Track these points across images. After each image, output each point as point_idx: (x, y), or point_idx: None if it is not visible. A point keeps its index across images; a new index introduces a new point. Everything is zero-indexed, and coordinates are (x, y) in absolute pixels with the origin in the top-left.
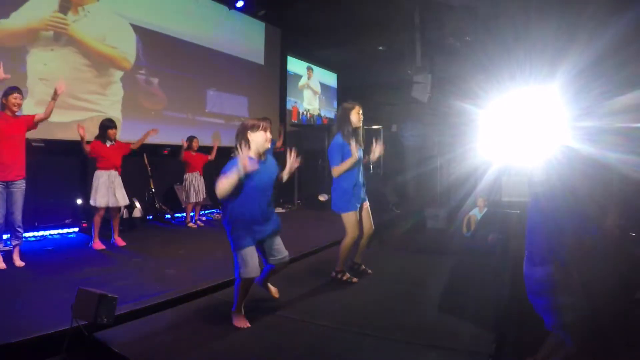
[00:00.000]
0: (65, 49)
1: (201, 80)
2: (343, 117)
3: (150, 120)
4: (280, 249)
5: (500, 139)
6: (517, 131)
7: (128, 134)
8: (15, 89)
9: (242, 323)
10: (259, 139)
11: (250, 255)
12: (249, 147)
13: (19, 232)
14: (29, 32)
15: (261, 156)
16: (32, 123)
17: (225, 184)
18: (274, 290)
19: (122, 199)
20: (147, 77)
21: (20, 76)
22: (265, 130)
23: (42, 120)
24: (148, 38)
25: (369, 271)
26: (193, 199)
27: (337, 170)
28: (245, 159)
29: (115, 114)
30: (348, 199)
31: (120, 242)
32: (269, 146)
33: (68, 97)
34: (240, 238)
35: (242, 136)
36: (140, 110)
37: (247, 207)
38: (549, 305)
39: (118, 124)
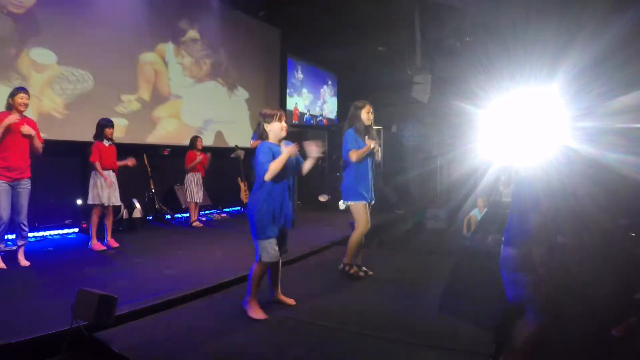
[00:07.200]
0: None
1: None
2: (354, 114)
3: (149, 120)
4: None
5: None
6: (517, 131)
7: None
8: (22, 89)
9: (258, 314)
10: (276, 129)
11: (272, 243)
12: (267, 137)
13: (24, 231)
14: None
15: (279, 143)
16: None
17: (276, 166)
18: (289, 300)
19: (118, 199)
20: None
21: None
22: (280, 119)
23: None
24: None
25: (370, 272)
26: (195, 199)
27: (354, 154)
28: (292, 148)
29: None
30: (353, 188)
31: (113, 244)
32: (285, 134)
33: None
34: (265, 228)
35: (260, 127)
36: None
37: (273, 193)
38: (509, 279)
39: None
